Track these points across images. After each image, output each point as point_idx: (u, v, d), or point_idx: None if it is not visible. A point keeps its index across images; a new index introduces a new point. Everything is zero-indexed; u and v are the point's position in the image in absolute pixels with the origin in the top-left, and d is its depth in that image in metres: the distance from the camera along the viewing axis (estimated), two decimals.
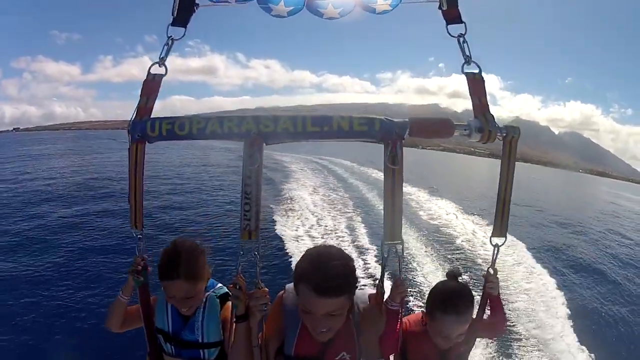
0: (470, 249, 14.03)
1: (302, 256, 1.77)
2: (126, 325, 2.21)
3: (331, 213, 17.88)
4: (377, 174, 29.62)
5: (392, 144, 1.71)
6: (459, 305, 1.91)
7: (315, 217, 16.87)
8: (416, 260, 12.19)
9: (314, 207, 18.84)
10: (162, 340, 2.17)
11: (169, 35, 1.95)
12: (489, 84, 1.90)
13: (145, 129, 1.82)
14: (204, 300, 2.12)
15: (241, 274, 1.81)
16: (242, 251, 1.76)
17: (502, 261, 12.22)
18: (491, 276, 1.99)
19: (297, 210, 17.98)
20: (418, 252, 13.12)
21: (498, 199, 1.89)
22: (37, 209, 17.15)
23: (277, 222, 15.37)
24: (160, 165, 30.43)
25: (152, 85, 1.96)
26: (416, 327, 2.06)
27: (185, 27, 1.97)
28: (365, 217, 17.34)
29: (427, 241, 14.65)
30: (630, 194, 71.97)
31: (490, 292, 2.00)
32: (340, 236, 14.63)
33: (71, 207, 17.75)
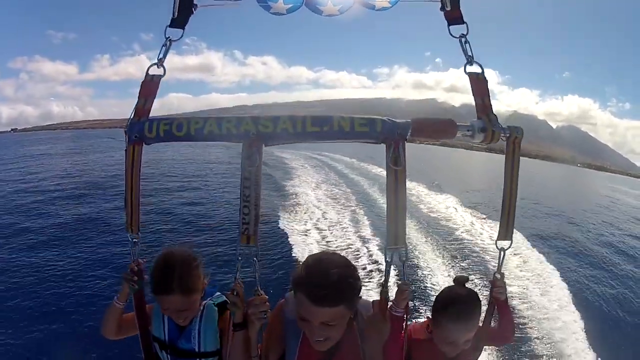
0: (479, 250, 13.82)
1: (302, 262, 1.72)
2: (122, 333, 2.16)
3: (335, 207, 18.18)
4: (376, 169, 29.80)
5: (395, 145, 1.67)
6: (465, 311, 1.87)
7: (321, 211, 17.18)
8: (421, 264, 11.96)
9: (318, 202, 19.20)
10: (157, 348, 2.13)
11: (167, 37, 1.92)
12: (487, 76, 1.85)
13: (143, 130, 1.80)
14: (201, 309, 2.08)
15: (239, 280, 1.77)
16: (241, 256, 1.72)
17: (509, 260, 12.18)
18: (498, 281, 1.95)
19: (302, 204, 18.35)
20: (423, 254, 12.91)
21: (503, 201, 1.85)
22: (47, 209, 17.44)
23: (282, 219, 15.50)
24: (159, 164, 30.40)
25: (151, 86, 1.92)
26: (421, 334, 2.03)
27: (184, 29, 1.94)
28: (368, 210, 17.69)
29: (433, 241, 14.52)
30: (630, 188, 72.00)
31: (498, 297, 1.96)
32: (345, 227, 14.87)
33: (81, 205, 18.08)
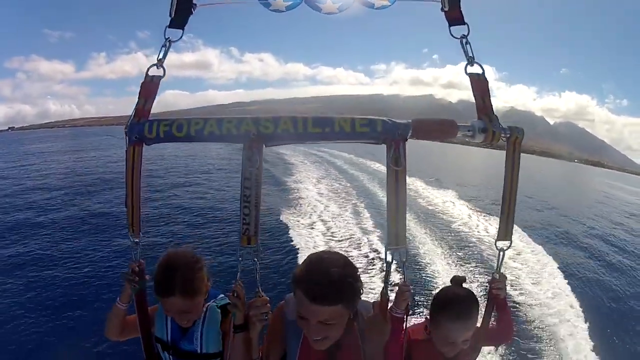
0: (480, 248, 13.77)
1: (303, 261, 1.73)
2: (126, 334, 2.15)
3: (337, 201, 18.59)
4: (376, 165, 29.86)
5: (395, 146, 1.67)
6: (463, 310, 1.88)
7: (322, 205, 17.56)
8: (422, 262, 11.89)
9: (320, 196, 19.55)
10: (160, 349, 2.13)
11: (166, 37, 1.90)
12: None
13: (143, 131, 1.79)
14: (204, 311, 2.08)
15: (240, 282, 1.77)
16: (241, 257, 1.72)
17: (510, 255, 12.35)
18: (497, 281, 1.96)
19: (304, 199, 18.73)
20: (423, 252, 12.89)
21: (503, 201, 1.85)
22: (49, 207, 17.59)
23: (283, 216, 15.65)
24: (159, 161, 30.35)
25: (150, 87, 1.91)
26: (420, 335, 2.03)
27: (183, 29, 1.92)
28: (370, 203, 18.14)
29: (433, 238, 14.58)
30: (630, 185, 72.32)
31: (497, 296, 1.97)
32: (346, 219, 15.37)
33: (83, 203, 18.22)
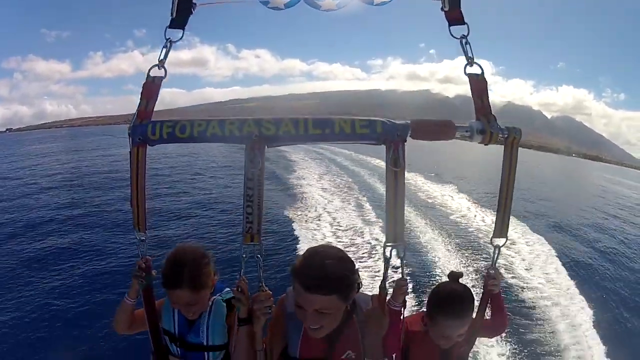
0: (478, 241, 13.98)
1: (302, 254, 1.80)
2: (134, 328, 2.22)
3: (340, 196, 19.15)
4: (376, 161, 29.86)
5: (394, 146, 1.72)
6: (459, 308, 1.95)
7: (325, 200, 18.08)
8: (420, 255, 12.31)
9: (323, 192, 20.04)
10: (168, 341, 2.20)
11: (167, 38, 1.92)
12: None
13: (146, 132, 1.82)
14: (209, 305, 2.14)
15: (244, 277, 1.83)
16: (245, 254, 1.79)
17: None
18: (492, 276, 2.02)
19: (307, 194, 19.28)
20: (422, 245, 13.23)
21: (499, 199, 1.89)
22: (56, 207, 17.88)
23: (286, 213, 16.00)
24: (162, 159, 30.45)
25: (152, 87, 1.93)
26: (417, 326, 2.10)
27: (184, 29, 1.94)
28: (371, 196, 18.67)
29: (431, 231, 14.88)
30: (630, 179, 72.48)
31: (492, 290, 2.03)
32: (350, 213, 15.95)
33: (89, 203, 18.48)
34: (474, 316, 2.04)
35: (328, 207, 16.85)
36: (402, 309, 1.86)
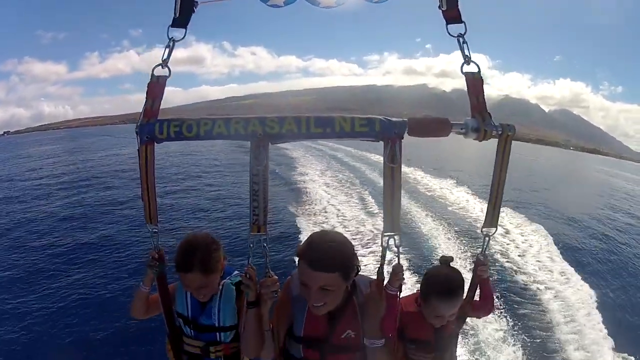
0: (475, 230, 14.10)
1: (306, 238, 1.93)
2: (149, 313, 2.37)
3: (343, 190, 19.81)
4: (376, 157, 29.69)
5: (392, 143, 1.80)
6: (451, 291, 2.08)
7: (329, 195, 18.64)
8: (416, 242, 12.90)
9: (327, 187, 20.64)
10: (181, 323, 2.34)
11: (170, 37, 1.95)
12: (477, 62, 1.89)
13: (154, 131, 1.89)
14: (220, 288, 2.26)
15: (252, 265, 1.95)
16: (252, 244, 1.91)
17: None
18: (481, 262, 2.16)
19: (311, 189, 19.85)
20: (418, 233, 13.86)
21: (491, 191, 1.99)
22: (70, 206, 18.42)
23: (293, 206, 16.62)
24: (169, 161, 30.77)
25: (157, 87, 1.98)
26: (411, 307, 2.24)
27: (186, 28, 1.98)
28: (373, 190, 19.16)
29: (427, 220, 15.52)
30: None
31: (481, 276, 2.18)
32: (353, 206, 16.67)
33: (102, 201, 19.06)
34: (464, 297, 2.17)
35: (332, 201, 17.45)
36: (398, 293, 1.97)
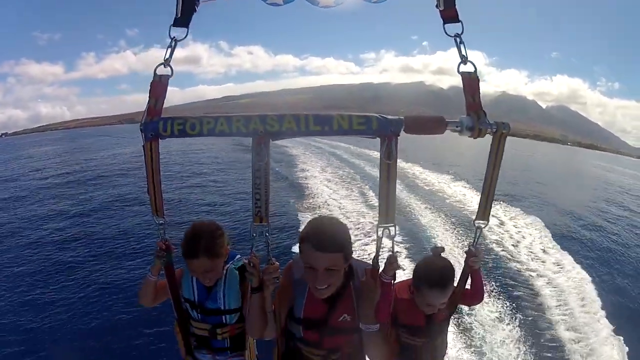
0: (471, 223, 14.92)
1: (306, 224, 2.00)
2: (157, 300, 2.47)
3: (344, 185, 20.41)
4: (375, 154, 29.88)
5: (388, 140, 1.85)
6: (441, 281, 2.14)
7: (330, 190, 19.21)
8: (419, 235, 13.44)
9: (328, 182, 21.15)
10: (189, 307, 2.44)
11: (171, 37, 1.98)
12: (474, 60, 1.94)
13: (158, 128, 1.95)
14: (224, 273, 2.37)
15: (255, 253, 2.03)
16: (255, 233, 1.98)
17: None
18: (472, 253, 2.20)
19: (312, 185, 20.31)
20: (422, 228, 14.41)
21: (484, 186, 2.03)
22: (73, 203, 19.07)
23: (296, 201, 17.28)
24: (172, 159, 31.07)
25: (159, 86, 2.01)
26: (404, 294, 2.30)
27: (188, 27, 2.00)
28: (373, 185, 19.48)
29: (430, 214, 16.07)
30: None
31: (472, 266, 2.23)
32: (354, 200, 17.35)
33: (101, 198, 19.69)
34: (455, 287, 2.23)
35: (333, 195, 18.04)
36: (392, 281, 2.04)
